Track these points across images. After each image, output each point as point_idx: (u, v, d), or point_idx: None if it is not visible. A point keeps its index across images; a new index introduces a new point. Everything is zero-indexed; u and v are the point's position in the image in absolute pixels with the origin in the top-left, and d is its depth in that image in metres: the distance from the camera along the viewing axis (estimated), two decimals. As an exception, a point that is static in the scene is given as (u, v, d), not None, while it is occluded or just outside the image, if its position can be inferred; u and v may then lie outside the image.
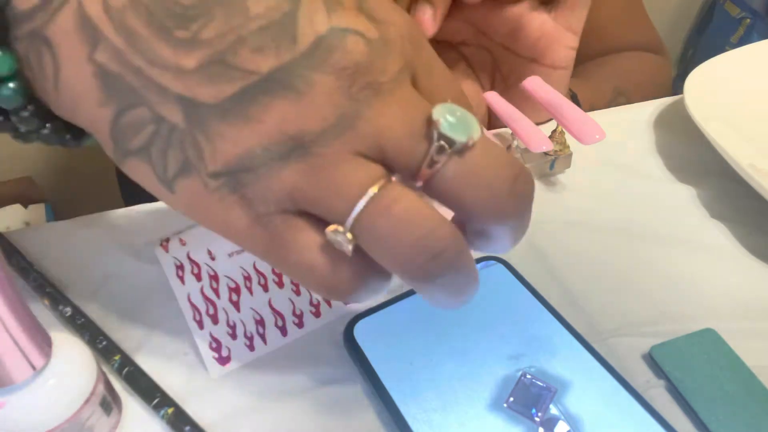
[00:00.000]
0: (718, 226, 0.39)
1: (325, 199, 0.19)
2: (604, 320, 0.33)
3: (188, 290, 0.32)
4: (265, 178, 0.19)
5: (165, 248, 0.33)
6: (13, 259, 0.35)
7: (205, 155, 0.19)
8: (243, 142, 0.19)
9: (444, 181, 0.19)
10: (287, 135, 0.18)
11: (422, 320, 0.31)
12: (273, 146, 0.19)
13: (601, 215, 0.40)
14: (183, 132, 0.19)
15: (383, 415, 0.28)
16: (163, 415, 0.28)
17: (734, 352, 0.30)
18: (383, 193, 0.19)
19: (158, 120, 0.19)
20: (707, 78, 0.46)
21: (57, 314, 0.32)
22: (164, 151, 0.19)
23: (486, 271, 0.34)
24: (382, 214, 0.19)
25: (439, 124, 0.19)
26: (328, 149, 0.19)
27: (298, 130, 0.18)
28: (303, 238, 0.20)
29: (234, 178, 0.19)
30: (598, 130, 0.35)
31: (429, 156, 0.19)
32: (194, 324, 0.31)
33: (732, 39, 1.38)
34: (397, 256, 0.19)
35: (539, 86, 0.39)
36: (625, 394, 0.28)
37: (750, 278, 0.36)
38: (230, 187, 0.19)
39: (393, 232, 0.19)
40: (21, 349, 0.23)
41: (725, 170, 0.39)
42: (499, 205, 0.20)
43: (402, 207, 0.19)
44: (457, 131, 0.19)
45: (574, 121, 0.36)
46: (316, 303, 0.33)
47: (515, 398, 0.28)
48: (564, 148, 0.41)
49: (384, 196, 0.19)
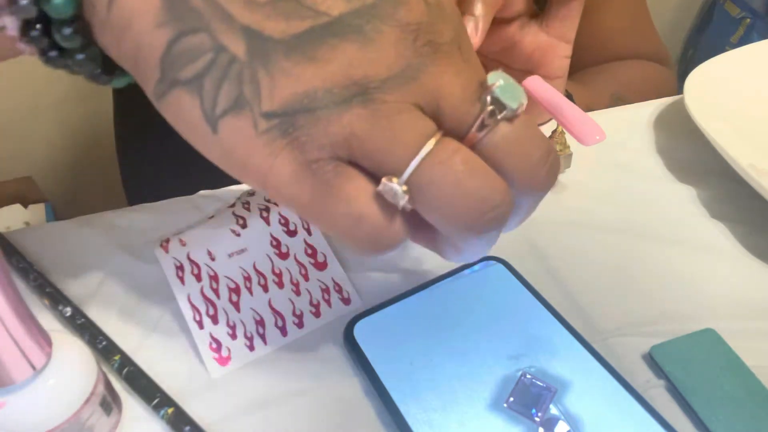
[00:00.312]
0: (718, 226, 0.39)
1: (382, 147, 0.19)
2: (604, 320, 0.33)
3: (188, 291, 0.32)
4: (323, 120, 0.19)
5: (165, 249, 0.33)
6: (13, 259, 0.35)
7: (262, 92, 0.19)
8: (306, 81, 0.18)
9: (490, 146, 0.20)
10: (352, 79, 0.19)
11: (422, 320, 0.31)
12: (336, 89, 0.18)
13: (601, 215, 0.40)
14: (243, 65, 0.18)
15: (383, 415, 0.28)
16: (163, 415, 0.28)
17: (734, 352, 0.30)
18: (442, 146, 0.19)
19: (218, 49, 0.18)
20: (707, 78, 0.46)
21: (57, 314, 0.32)
22: (218, 84, 0.19)
23: (486, 271, 0.34)
24: (443, 165, 0.19)
25: (495, 88, 0.19)
26: (390, 97, 0.19)
27: (364, 75, 0.19)
28: (354, 186, 0.19)
29: (288, 120, 0.19)
30: (599, 130, 0.35)
31: (481, 119, 0.19)
32: (194, 324, 0.31)
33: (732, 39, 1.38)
34: (457, 207, 0.19)
35: (539, 86, 0.38)
36: (625, 394, 0.28)
37: (750, 278, 0.36)
38: (281, 130, 0.19)
39: (454, 183, 0.19)
40: (21, 349, 0.23)
41: (725, 170, 0.39)
42: (536, 175, 0.20)
43: (462, 159, 0.19)
44: (509, 97, 0.19)
45: (575, 121, 0.35)
46: (316, 303, 0.33)
47: (515, 398, 0.28)
48: (564, 148, 0.41)
49: (444, 148, 0.19)
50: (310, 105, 0.18)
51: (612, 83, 0.59)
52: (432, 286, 0.33)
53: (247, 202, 0.35)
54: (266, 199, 0.35)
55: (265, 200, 0.35)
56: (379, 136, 0.19)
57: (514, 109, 0.20)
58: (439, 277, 0.34)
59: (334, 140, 0.19)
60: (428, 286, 0.33)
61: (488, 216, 0.19)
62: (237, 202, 0.35)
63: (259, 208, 0.34)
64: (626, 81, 0.61)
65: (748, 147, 0.40)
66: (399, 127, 0.19)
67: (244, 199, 0.35)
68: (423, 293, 0.33)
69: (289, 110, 0.19)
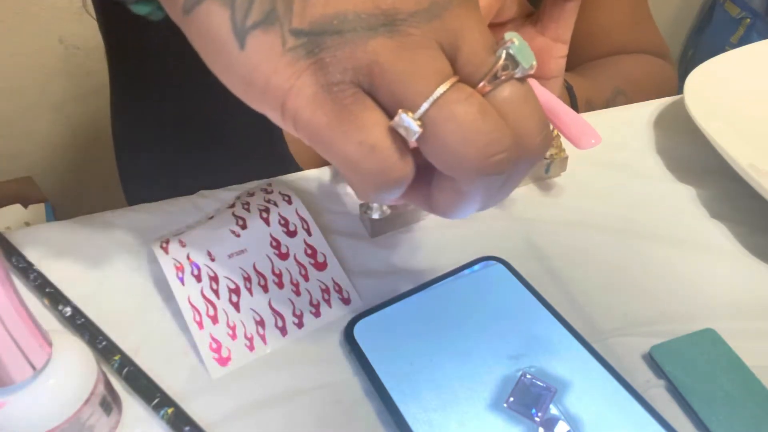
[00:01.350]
0: (718, 226, 0.39)
1: (403, 79, 0.19)
2: (604, 320, 0.33)
3: (188, 291, 0.32)
4: (350, 43, 0.19)
5: (165, 250, 0.33)
6: (13, 259, 0.35)
7: (294, 8, 0.19)
8: (338, 3, 0.19)
9: (498, 99, 0.20)
10: (381, 8, 0.19)
11: (422, 320, 0.31)
12: (366, 15, 0.19)
13: (601, 215, 0.40)
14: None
15: (383, 415, 0.28)
16: (163, 415, 0.28)
17: (734, 352, 0.30)
18: (459, 87, 0.20)
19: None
20: (707, 78, 0.46)
21: (57, 314, 0.32)
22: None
23: (486, 271, 0.34)
24: (459, 103, 0.19)
25: (511, 45, 0.20)
26: (416, 30, 0.19)
27: (393, 6, 0.19)
28: (370, 116, 0.20)
29: (316, 40, 0.19)
30: (594, 134, 0.35)
31: (495, 70, 0.20)
32: (194, 325, 0.31)
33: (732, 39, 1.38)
34: (469, 145, 0.20)
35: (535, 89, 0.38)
36: (625, 394, 0.28)
37: (750, 278, 0.36)
38: (308, 50, 0.19)
39: (469, 122, 0.19)
40: (21, 349, 0.23)
41: (725, 170, 0.39)
42: (534, 138, 0.21)
43: (477, 101, 0.20)
44: (523, 56, 0.20)
45: (571, 125, 0.35)
46: (316, 303, 0.33)
47: (515, 398, 0.28)
48: (560, 151, 0.41)
49: (460, 89, 0.20)
50: (339, 27, 0.19)
51: (613, 76, 0.59)
52: (432, 286, 0.33)
53: (247, 202, 0.35)
54: (266, 200, 0.35)
55: (265, 201, 0.35)
56: (401, 67, 0.19)
57: (526, 69, 0.20)
58: (439, 277, 0.34)
59: (357, 65, 0.19)
60: (428, 286, 0.33)
61: (495, 159, 0.20)
62: (237, 203, 0.35)
63: (258, 209, 0.34)
64: (627, 74, 0.61)
65: (748, 147, 0.40)
66: (420, 61, 0.19)
67: (244, 200, 0.35)
68: (423, 293, 0.33)
69: (318, 29, 0.19)
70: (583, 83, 0.52)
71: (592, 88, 0.53)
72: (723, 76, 0.47)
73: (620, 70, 0.61)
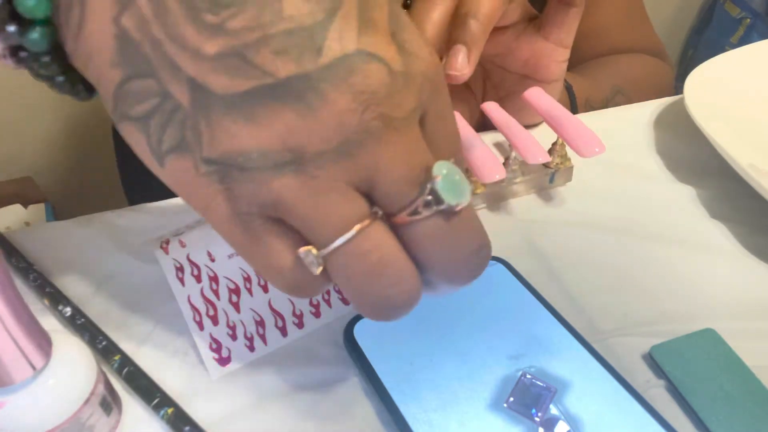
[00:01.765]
0: (718, 226, 0.39)
1: (308, 221, 0.19)
2: (604, 320, 0.33)
3: (188, 291, 0.32)
4: (255, 181, 0.19)
5: (165, 250, 0.33)
6: (13, 259, 0.35)
7: (203, 140, 0.19)
8: (241, 141, 0.18)
9: (418, 234, 0.20)
10: (287, 147, 0.18)
11: (422, 320, 0.31)
12: (270, 153, 0.18)
13: (601, 215, 0.39)
14: (186, 113, 0.19)
15: (383, 415, 0.28)
16: (163, 415, 0.28)
17: (734, 352, 0.30)
18: (364, 236, 0.19)
19: (164, 95, 0.19)
20: (707, 78, 0.46)
21: (57, 314, 0.32)
22: (163, 126, 0.19)
23: (486, 271, 0.34)
24: (358, 257, 0.19)
25: (437, 180, 0.19)
26: (322, 172, 0.19)
27: (299, 144, 0.18)
28: (277, 244, 0.20)
29: (226, 169, 0.19)
30: (598, 143, 0.35)
31: (414, 206, 0.19)
32: (194, 325, 0.31)
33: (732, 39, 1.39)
34: (361, 297, 0.20)
35: (540, 97, 0.39)
36: (625, 394, 0.28)
37: (750, 278, 0.36)
38: (219, 177, 0.19)
39: (363, 277, 0.20)
40: (21, 349, 0.23)
41: (725, 170, 0.39)
42: (458, 270, 0.21)
43: (378, 257, 0.20)
44: (450, 194, 0.19)
45: (574, 133, 0.36)
46: (316, 303, 0.33)
47: (515, 398, 0.28)
48: (564, 161, 0.41)
49: (365, 239, 0.19)
50: (243, 164, 0.19)
51: (612, 75, 0.59)
52: (432, 286, 0.33)
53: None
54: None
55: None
56: (305, 209, 0.19)
57: (452, 206, 0.19)
58: (439, 277, 0.34)
59: (262, 201, 0.19)
60: (428, 286, 0.33)
61: (386, 313, 0.21)
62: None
63: (259, 208, 0.34)
64: (626, 73, 0.61)
65: (748, 147, 0.40)
66: (325, 206, 0.19)
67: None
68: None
69: (227, 161, 0.19)
70: (582, 82, 0.52)
71: (591, 87, 0.53)
72: (723, 76, 0.47)
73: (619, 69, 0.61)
